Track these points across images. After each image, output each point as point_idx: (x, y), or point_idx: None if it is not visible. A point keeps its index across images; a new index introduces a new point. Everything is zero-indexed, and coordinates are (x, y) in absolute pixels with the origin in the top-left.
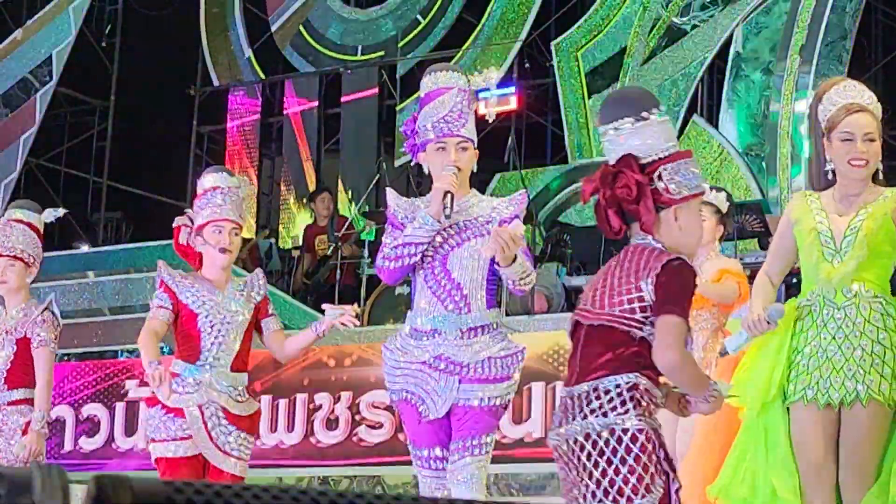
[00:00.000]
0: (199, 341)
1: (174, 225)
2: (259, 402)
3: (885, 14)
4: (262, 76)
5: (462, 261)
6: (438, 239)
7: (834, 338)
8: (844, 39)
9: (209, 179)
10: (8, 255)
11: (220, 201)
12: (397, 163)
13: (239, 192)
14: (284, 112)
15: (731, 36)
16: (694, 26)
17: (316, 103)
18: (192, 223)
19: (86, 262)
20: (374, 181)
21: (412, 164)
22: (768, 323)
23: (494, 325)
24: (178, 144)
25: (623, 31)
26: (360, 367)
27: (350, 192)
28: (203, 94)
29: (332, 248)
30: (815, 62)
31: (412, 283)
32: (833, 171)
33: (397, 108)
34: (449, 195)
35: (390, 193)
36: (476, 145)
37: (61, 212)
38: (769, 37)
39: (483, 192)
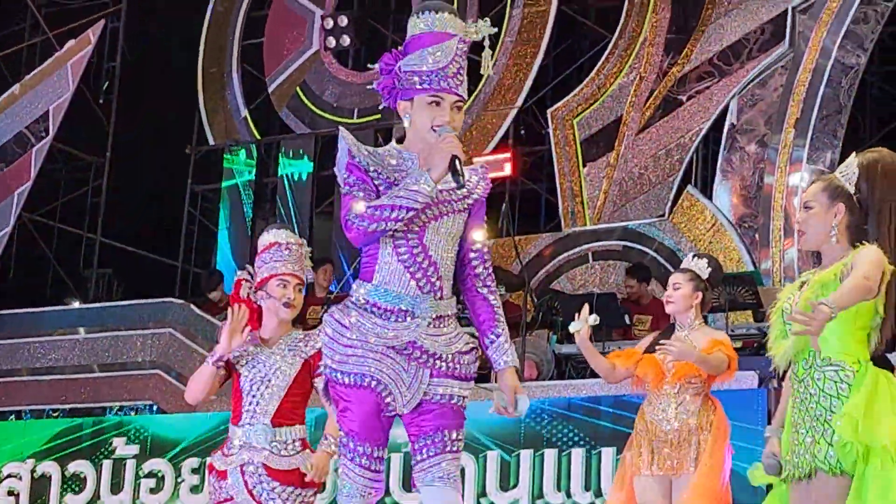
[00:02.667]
0: (240, 401)
1: (235, 278)
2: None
3: (880, 89)
4: (258, 136)
5: (440, 237)
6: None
7: (799, 411)
8: (839, 114)
9: (272, 235)
10: None
11: (284, 256)
12: None
13: (301, 249)
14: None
15: (726, 107)
16: (690, 97)
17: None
18: (252, 278)
19: (77, 318)
20: None
21: None
22: None
23: (455, 315)
24: (172, 203)
25: (619, 100)
26: None
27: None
28: (199, 153)
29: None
30: (809, 136)
31: (370, 248)
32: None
33: None
34: (457, 160)
35: (343, 134)
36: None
37: None
38: (764, 109)
39: None
